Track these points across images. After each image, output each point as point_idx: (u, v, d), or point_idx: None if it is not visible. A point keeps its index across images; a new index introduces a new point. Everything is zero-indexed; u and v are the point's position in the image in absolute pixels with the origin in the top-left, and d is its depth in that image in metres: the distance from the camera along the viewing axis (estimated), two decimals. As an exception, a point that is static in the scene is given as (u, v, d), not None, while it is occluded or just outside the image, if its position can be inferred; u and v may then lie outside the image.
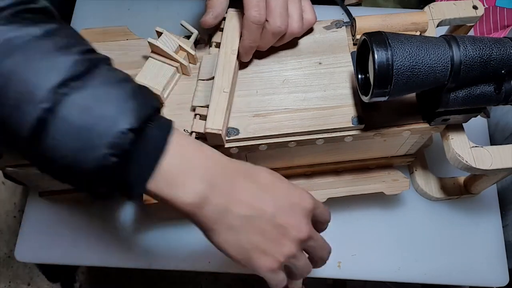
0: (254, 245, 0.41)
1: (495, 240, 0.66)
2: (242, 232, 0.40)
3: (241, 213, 0.40)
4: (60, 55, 0.35)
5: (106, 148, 0.34)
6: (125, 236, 0.65)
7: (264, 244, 0.41)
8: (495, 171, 0.52)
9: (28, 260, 0.66)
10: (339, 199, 0.66)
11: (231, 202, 0.40)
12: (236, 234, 0.40)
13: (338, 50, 0.55)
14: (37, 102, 0.33)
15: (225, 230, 0.40)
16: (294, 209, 0.42)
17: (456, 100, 0.46)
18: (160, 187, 0.38)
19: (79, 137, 0.34)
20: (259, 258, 0.41)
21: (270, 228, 0.41)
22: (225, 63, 0.51)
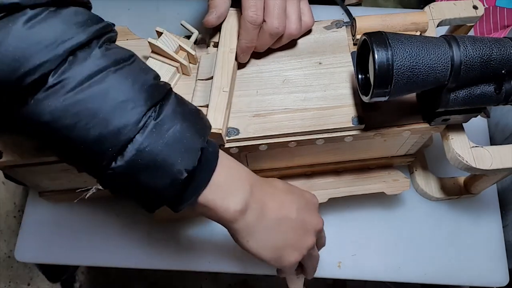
0: (286, 243, 0.45)
1: (495, 240, 0.66)
2: (277, 233, 0.44)
3: (273, 216, 0.44)
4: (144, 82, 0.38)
5: (185, 164, 0.38)
6: (125, 236, 0.65)
7: (294, 241, 0.45)
8: (495, 171, 0.52)
9: (28, 260, 0.66)
10: (339, 199, 0.66)
11: (264, 208, 0.44)
12: (271, 236, 0.44)
13: (338, 50, 0.55)
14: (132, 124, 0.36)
15: (262, 234, 0.44)
16: (309, 206, 0.48)
17: (456, 100, 0.46)
18: (212, 198, 0.41)
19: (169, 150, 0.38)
20: (289, 254, 0.45)
21: (296, 226, 0.45)
22: (223, 63, 0.51)
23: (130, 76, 0.37)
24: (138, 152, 0.36)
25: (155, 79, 0.39)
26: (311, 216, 0.47)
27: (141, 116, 0.36)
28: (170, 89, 0.40)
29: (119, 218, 0.66)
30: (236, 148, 0.52)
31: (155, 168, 0.37)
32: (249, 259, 0.64)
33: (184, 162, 0.38)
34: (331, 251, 0.64)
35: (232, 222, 0.43)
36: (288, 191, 0.47)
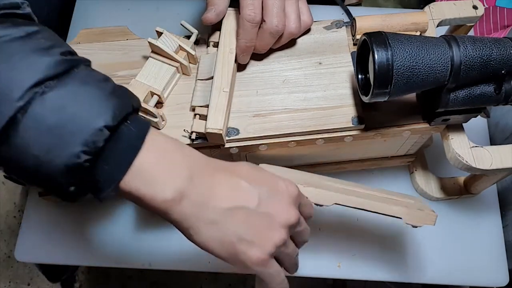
0: (239, 237, 0.38)
1: (495, 240, 0.66)
2: (224, 225, 0.38)
3: (222, 206, 0.38)
4: (39, 56, 0.35)
5: (80, 145, 0.34)
6: (125, 236, 0.65)
7: (251, 235, 0.39)
8: (495, 171, 0.52)
9: (28, 260, 0.66)
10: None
11: (210, 196, 0.38)
12: (218, 228, 0.38)
13: (338, 50, 0.55)
14: (13, 101, 0.33)
15: (205, 226, 0.38)
16: (280, 197, 0.41)
17: (456, 100, 0.46)
18: (135, 185, 0.36)
19: (51, 135, 0.33)
20: (247, 251, 0.39)
21: (255, 218, 0.39)
22: (223, 63, 0.51)
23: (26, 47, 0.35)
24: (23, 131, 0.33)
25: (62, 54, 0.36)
26: (280, 208, 0.40)
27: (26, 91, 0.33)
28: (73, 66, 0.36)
29: (118, 218, 0.66)
30: (236, 148, 0.52)
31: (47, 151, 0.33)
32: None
33: (80, 144, 0.34)
34: (331, 251, 0.64)
35: (165, 213, 0.38)
36: (251, 178, 0.41)
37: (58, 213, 0.67)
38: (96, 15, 0.78)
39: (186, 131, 0.51)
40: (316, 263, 0.64)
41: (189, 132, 0.50)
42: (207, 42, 0.55)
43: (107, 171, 0.36)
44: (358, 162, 0.64)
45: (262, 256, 0.39)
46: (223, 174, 0.40)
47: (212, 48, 0.54)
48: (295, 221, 0.41)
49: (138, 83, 0.51)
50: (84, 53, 0.55)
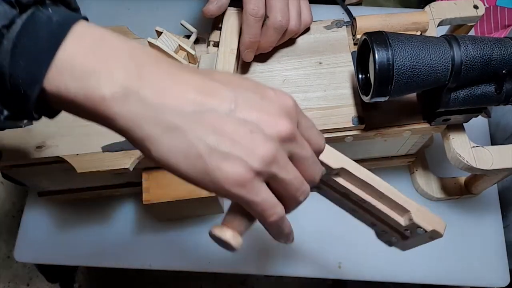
0: (209, 147, 0.28)
1: (496, 241, 0.65)
2: (189, 133, 0.29)
3: (185, 108, 0.29)
4: None
5: None
6: (125, 236, 0.65)
7: (226, 145, 0.29)
8: (495, 171, 0.52)
9: (27, 260, 0.66)
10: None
11: (168, 95, 0.29)
12: (181, 136, 0.29)
13: (339, 50, 0.54)
14: None
15: (164, 134, 0.29)
16: (266, 104, 0.30)
17: (456, 100, 0.46)
18: (64, 84, 0.28)
19: None
20: (221, 165, 0.29)
21: (230, 125, 0.29)
22: (224, 63, 0.51)
23: None
24: None
25: None
26: (266, 116, 0.30)
27: None
28: None
29: (118, 219, 0.66)
30: (236, 148, 0.52)
31: None
32: (249, 259, 0.64)
33: None
34: (331, 251, 0.64)
35: (109, 119, 0.29)
36: (227, 80, 0.31)
37: (58, 213, 0.67)
38: (96, 15, 0.78)
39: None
40: (316, 263, 0.64)
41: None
42: (207, 42, 0.55)
43: (25, 68, 0.28)
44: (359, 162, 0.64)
45: (242, 172, 0.29)
46: (186, 72, 0.30)
47: (212, 47, 0.54)
48: (288, 134, 0.30)
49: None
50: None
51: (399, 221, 0.40)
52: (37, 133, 0.51)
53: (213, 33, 0.54)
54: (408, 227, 0.40)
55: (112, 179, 0.62)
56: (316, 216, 0.66)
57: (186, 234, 0.65)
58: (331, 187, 0.43)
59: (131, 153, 0.50)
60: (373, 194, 0.40)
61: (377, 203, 0.40)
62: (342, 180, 0.41)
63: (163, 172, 0.56)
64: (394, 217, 0.40)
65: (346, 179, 0.41)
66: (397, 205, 0.40)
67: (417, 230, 0.40)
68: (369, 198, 0.41)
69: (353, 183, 0.41)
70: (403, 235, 0.42)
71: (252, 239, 0.65)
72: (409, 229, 0.40)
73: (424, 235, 0.40)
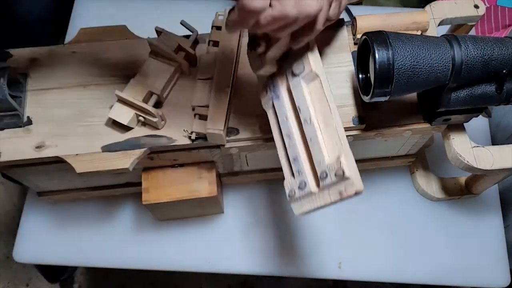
0: None
1: (497, 241, 0.65)
2: None
3: None
4: None
5: None
6: (125, 236, 0.65)
7: None
8: (496, 171, 0.52)
9: (27, 260, 0.66)
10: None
11: None
12: None
13: (339, 50, 0.54)
14: None
15: None
16: None
17: (457, 100, 0.46)
18: None
19: None
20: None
21: None
22: (224, 62, 0.51)
23: None
24: None
25: None
26: None
27: None
28: None
29: (118, 219, 0.66)
30: (236, 148, 0.52)
31: None
32: (249, 259, 0.64)
33: None
34: (331, 251, 0.64)
35: None
36: None
37: (57, 213, 0.67)
38: (96, 15, 0.78)
39: (186, 131, 0.50)
40: (316, 263, 0.64)
41: (189, 132, 0.50)
42: (207, 42, 0.55)
43: None
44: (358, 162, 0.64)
45: None
46: None
47: (213, 47, 0.54)
48: None
49: (138, 83, 0.50)
50: (83, 52, 0.55)
51: (325, 158, 0.40)
52: (36, 133, 0.51)
53: (212, 33, 0.54)
54: (330, 166, 0.39)
55: (112, 179, 0.62)
56: (316, 216, 0.66)
57: (186, 234, 0.65)
58: (290, 96, 0.43)
59: (130, 153, 0.50)
60: (322, 120, 0.40)
61: (318, 131, 0.40)
62: (306, 89, 0.42)
63: (163, 172, 0.56)
64: (323, 152, 0.40)
65: (311, 89, 0.41)
66: (334, 142, 0.40)
67: (335, 173, 0.38)
68: (315, 122, 0.41)
69: (313, 98, 0.41)
70: (316, 180, 0.41)
71: (252, 240, 0.65)
72: (327, 173, 0.39)
73: (336, 186, 0.38)
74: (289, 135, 0.43)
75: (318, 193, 0.40)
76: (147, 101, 0.50)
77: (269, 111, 0.45)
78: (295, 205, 0.42)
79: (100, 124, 0.51)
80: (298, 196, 0.42)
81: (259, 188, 0.67)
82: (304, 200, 0.41)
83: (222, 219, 0.66)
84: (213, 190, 0.56)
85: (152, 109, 0.48)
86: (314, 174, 0.41)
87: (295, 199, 0.42)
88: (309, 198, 0.41)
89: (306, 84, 0.42)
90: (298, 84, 0.42)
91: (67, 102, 0.53)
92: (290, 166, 0.43)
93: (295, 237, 0.65)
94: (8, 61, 0.54)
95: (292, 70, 0.43)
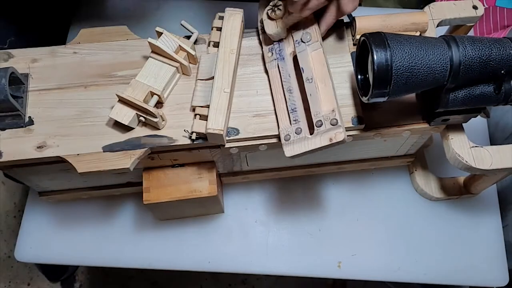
0: None
1: (495, 241, 0.66)
2: None
3: None
4: None
5: None
6: (125, 236, 0.65)
7: None
8: (495, 171, 0.52)
9: (28, 260, 0.66)
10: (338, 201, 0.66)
11: None
12: None
13: (338, 50, 0.55)
14: None
15: None
16: None
17: (455, 100, 0.46)
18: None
19: None
20: None
21: None
22: (224, 63, 0.51)
23: None
24: None
25: None
26: None
27: None
28: None
29: (118, 219, 0.66)
30: (236, 148, 0.52)
31: None
32: (249, 258, 0.64)
33: None
34: (331, 251, 0.64)
35: None
36: None
37: (58, 213, 0.67)
38: (96, 15, 0.78)
39: (186, 131, 0.51)
40: (316, 263, 0.64)
41: (189, 132, 0.50)
42: (207, 42, 0.55)
43: None
44: (358, 162, 0.64)
45: None
46: None
47: (212, 48, 0.54)
48: None
49: (138, 83, 0.51)
50: (84, 53, 0.55)
51: (322, 110, 0.47)
52: (38, 133, 0.51)
53: (212, 33, 0.54)
54: (326, 116, 0.47)
55: (113, 179, 0.62)
56: (316, 216, 0.66)
57: (186, 234, 0.65)
58: (294, 59, 0.52)
59: (131, 153, 0.50)
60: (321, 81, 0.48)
61: (318, 88, 0.48)
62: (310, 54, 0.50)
63: (163, 172, 0.56)
64: (321, 105, 0.47)
65: (314, 55, 0.50)
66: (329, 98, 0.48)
67: (330, 121, 0.46)
68: (317, 80, 0.49)
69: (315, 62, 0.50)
70: (310, 128, 0.48)
71: (252, 239, 0.65)
72: (323, 121, 0.47)
73: (328, 133, 0.46)
74: (290, 90, 0.50)
75: (311, 138, 0.47)
76: (148, 101, 0.50)
77: (272, 70, 0.52)
78: (287, 148, 0.48)
79: (101, 124, 0.52)
80: (293, 140, 0.48)
81: (259, 188, 0.68)
82: (297, 144, 0.48)
83: (222, 219, 0.66)
84: (213, 190, 0.56)
85: (153, 109, 0.49)
86: (309, 123, 0.48)
87: (290, 142, 0.48)
88: (302, 142, 0.47)
89: (311, 50, 0.50)
90: (305, 49, 0.51)
91: (68, 102, 0.53)
92: (288, 116, 0.49)
93: (295, 237, 0.65)
94: (10, 61, 0.54)
95: (301, 38, 0.51)
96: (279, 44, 0.53)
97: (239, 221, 0.66)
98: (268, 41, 0.53)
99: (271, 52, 0.53)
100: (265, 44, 0.54)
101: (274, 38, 0.52)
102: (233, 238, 0.65)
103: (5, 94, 0.48)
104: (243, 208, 0.67)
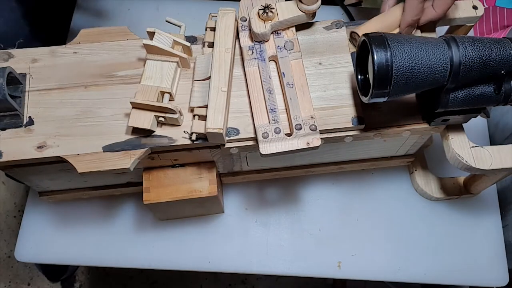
0: None
1: (495, 240, 0.66)
2: None
3: None
4: None
5: None
6: (125, 236, 0.66)
7: None
8: (495, 171, 0.52)
9: (28, 260, 0.66)
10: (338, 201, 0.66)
11: None
12: None
13: (338, 51, 0.55)
14: None
15: None
16: None
17: (455, 101, 0.46)
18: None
19: None
20: None
21: None
22: (220, 62, 0.51)
23: None
24: None
25: None
26: None
27: None
28: None
29: (119, 218, 0.66)
30: (236, 148, 0.52)
31: None
32: (249, 258, 0.64)
33: None
34: (331, 251, 0.65)
35: None
36: None
37: (58, 213, 0.67)
38: (96, 15, 0.78)
39: (186, 132, 0.51)
40: (316, 263, 0.64)
41: (189, 133, 0.50)
42: (202, 43, 0.55)
43: None
44: (358, 162, 0.65)
45: None
46: None
47: (207, 48, 0.54)
48: None
49: (146, 87, 0.50)
50: (84, 53, 0.55)
51: (301, 114, 0.49)
52: (38, 133, 0.51)
53: (206, 34, 0.54)
54: (305, 121, 0.49)
55: (113, 179, 0.62)
56: (316, 216, 0.66)
57: (186, 234, 0.65)
58: (274, 62, 0.53)
59: (131, 153, 0.50)
60: (299, 89, 0.51)
61: (298, 93, 0.50)
62: (291, 62, 0.52)
63: (163, 172, 0.56)
64: (300, 110, 0.49)
65: (294, 64, 0.52)
66: (308, 106, 0.50)
67: (310, 127, 0.48)
68: (296, 87, 0.51)
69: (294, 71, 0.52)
70: (289, 129, 0.50)
71: (252, 239, 0.65)
72: (302, 125, 0.49)
73: (305, 137, 0.48)
74: (270, 90, 0.51)
75: (289, 139, 0.48)
76: (161, 101, 0.50)
77: (250, 68, 0.53)
78: (263, 146, 0.49)
79: (101, 124, 0.52)
80: (271, 139, 0.49)
81: (259, 188, 0.68)
82: (273, 143, 0.49)
83: (222, 219, 0.66)
84: (213, 190, 0.56)
85: (171, 105, 0.49)
86: (288, 124, 0.50)
87: (267, 140, 0.49)
88: (280, 142, 0.49)
89: (292, 59, 0.52)
90: (286, 56, 0.52)
91: (68, 102, 0.53)
92: (267, 115, 0.50)
93: (295, 237, 0.66)
94: (10, 61, 0.54)
95: (284, 45, 0.53)
96: (260, 45, 0.53)
97: (239, 221, 0.66)
98: (248, 39, 0.53)
99: (251, 50, 0.53)
100: (244, 41, 0.54)
101: (258, 38, 0.52)
102: (233, 238, 0.65)
103: (3, 93, 0.48)
104: (243, 208, 0.67)
